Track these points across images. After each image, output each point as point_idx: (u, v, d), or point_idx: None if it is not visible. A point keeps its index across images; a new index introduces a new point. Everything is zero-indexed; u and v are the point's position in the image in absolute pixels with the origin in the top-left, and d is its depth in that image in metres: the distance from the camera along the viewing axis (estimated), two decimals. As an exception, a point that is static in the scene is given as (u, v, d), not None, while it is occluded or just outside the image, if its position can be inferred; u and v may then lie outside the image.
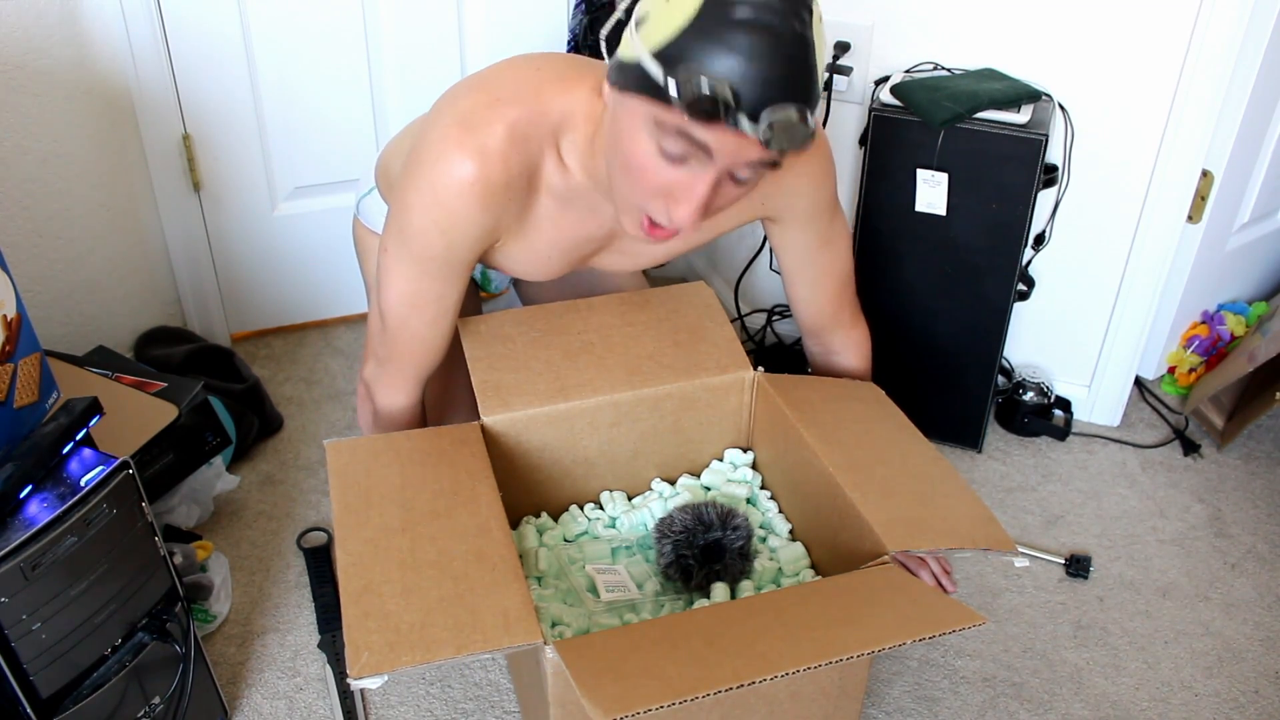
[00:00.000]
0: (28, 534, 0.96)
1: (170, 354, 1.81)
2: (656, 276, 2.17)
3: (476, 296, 1.56)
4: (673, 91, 0.90)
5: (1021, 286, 1.73)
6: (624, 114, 0.97)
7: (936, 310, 1.69)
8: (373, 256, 1.43)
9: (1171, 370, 1.96)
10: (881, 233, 1.66)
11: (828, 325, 1.38)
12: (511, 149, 1.07)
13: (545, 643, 0.91)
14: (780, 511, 1.30)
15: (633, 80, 0.94)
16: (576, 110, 1.09)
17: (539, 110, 1.08)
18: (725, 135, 0.91)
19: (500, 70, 1.13)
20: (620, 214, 1.06)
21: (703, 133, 0.92)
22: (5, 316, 1.04)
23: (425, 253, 1.11)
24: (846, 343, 1.41)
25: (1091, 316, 1.80)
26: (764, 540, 1.26)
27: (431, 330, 1.19)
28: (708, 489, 1.32)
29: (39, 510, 0.99)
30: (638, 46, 0.93)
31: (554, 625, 1.12)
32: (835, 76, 1.72)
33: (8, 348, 1.04)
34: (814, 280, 1.33)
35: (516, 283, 1.63)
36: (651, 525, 1.23)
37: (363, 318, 2.06)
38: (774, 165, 0.97)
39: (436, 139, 1.07)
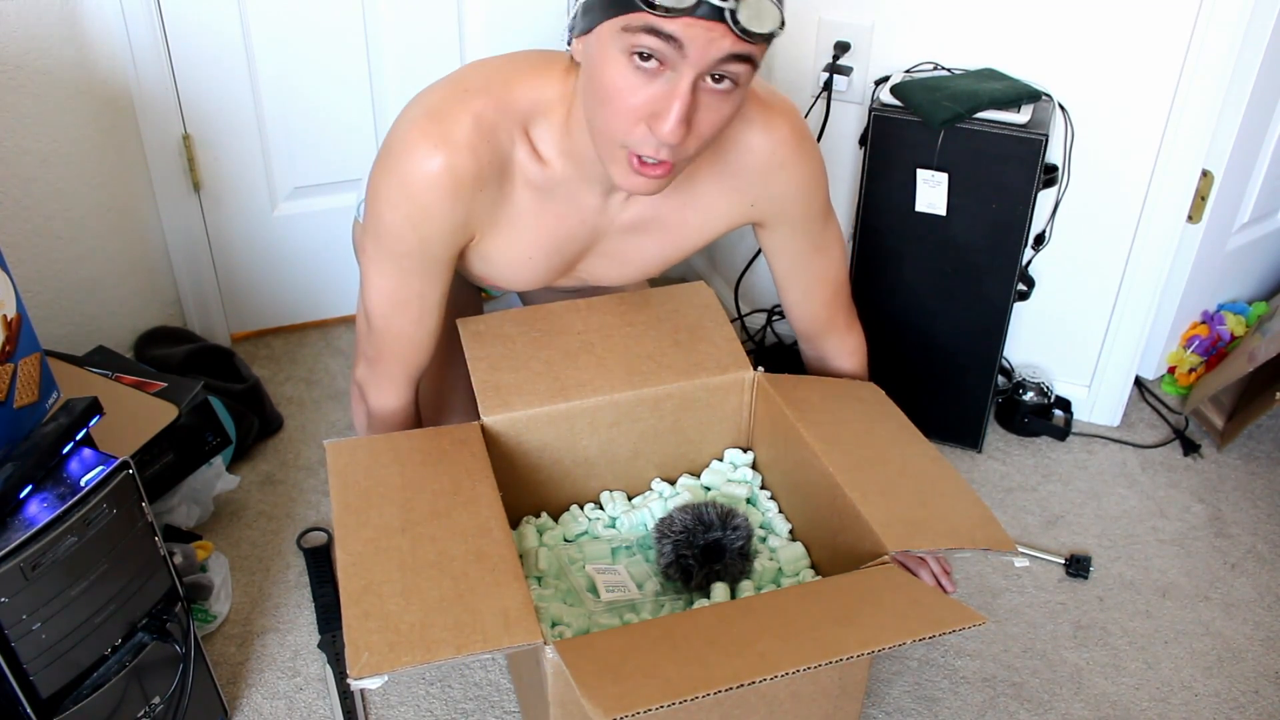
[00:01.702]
0: (28, 534, 0.96)
1: (170, 354, 1.81)
2: (656, 276, 2.17)
3: (478, 296, 1.56)
4: None
5: (1021, 286, 1.73)
6: (595, 48, 0.97)
7: (936, 310, 1.69)
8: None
9: (1171, 370, 1.96)
10: (881, 233, 1.66)
11: (822, 331, 1.38)
12: (479, 139, 1.06)
13: (545, 643, 0.91)
14: (780, 511, 1.30)
15: (596, 6, 0.94)
16: (549, 96, 1.09)
17: (506, 100, 1.08)
18: (694, 26, 0.91)
19: (471, 66, 1.14)
20: (608, 166, 1.04)
21: (672, 25, 0.91)
22: (5, 316, 1.04)
23: (399, 249, 1.11)
24: (841, 349, 1.40)
25: (1091, 316, 1.80)
26: (764, 540, 1.26)
27: (417, 329, 1.19)
28: (708, 489, 1.32)
29: (39, 510, 0.98)
30: None
31: (554, 625, 1.12)
32: (835, 76, 1.72)
33: (8, 348, 1.04)
34: (807, 287, 1.33)
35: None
36: (651, 525, 1.23)
37: (363, 318, 2.05)
38: (749, 61, 0.95)
39: (403, 132, 1.07)
